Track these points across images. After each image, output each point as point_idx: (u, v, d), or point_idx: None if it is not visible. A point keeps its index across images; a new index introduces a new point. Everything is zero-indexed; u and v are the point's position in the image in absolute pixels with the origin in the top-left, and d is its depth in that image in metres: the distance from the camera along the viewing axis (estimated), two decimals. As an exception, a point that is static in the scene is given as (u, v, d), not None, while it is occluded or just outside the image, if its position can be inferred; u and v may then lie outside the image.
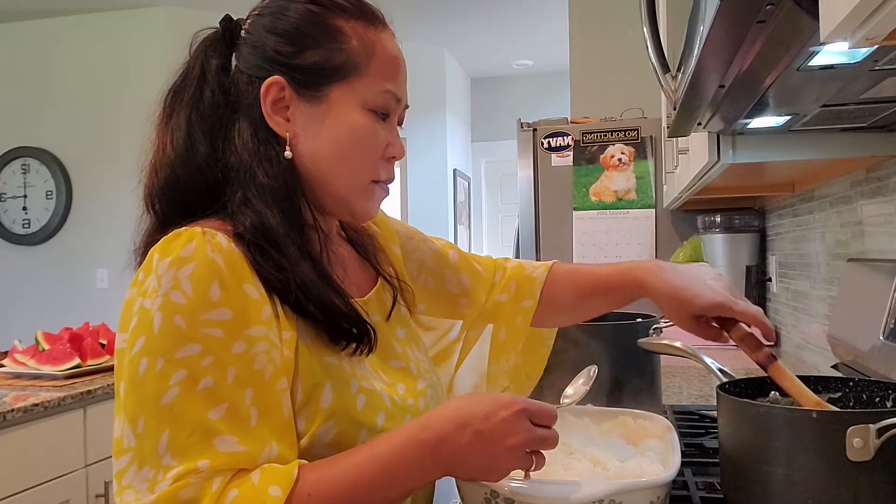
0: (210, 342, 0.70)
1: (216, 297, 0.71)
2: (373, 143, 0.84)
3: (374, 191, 0.86)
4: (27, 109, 4.54)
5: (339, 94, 0.82)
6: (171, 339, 0.69)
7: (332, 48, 0.81)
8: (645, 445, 0.88)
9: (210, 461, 0.67)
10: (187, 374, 0.69)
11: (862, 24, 0.50)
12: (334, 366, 0.79)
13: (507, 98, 6.23)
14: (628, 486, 0.72)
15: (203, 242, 0.73)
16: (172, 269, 0.71)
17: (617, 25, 3.45)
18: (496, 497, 0.74)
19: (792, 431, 0.71)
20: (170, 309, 0.70)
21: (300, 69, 0.81)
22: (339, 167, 0.83)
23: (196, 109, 0.83)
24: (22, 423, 1.84)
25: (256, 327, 0.73)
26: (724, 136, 1.38)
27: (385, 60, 0.84)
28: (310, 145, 0.82)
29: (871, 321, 1.21)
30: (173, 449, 0.68)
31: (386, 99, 0.84)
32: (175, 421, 0.68)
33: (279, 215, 0.79)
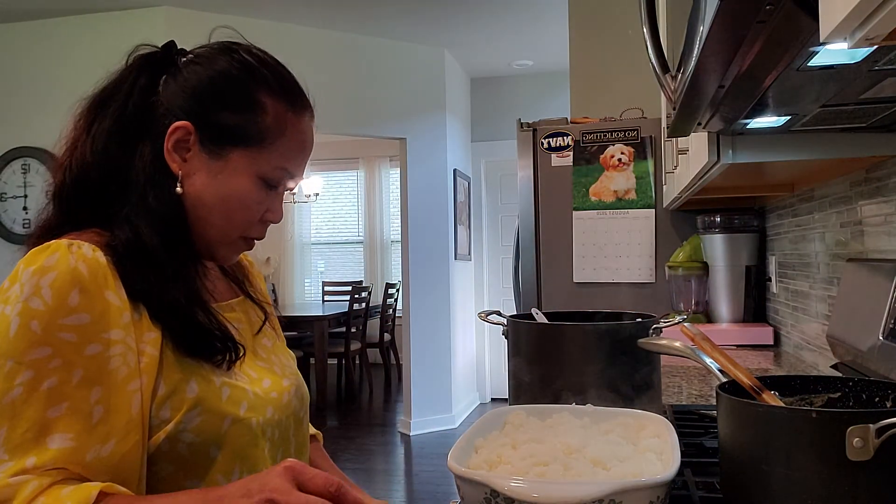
0: (62, 345, 0.75)
1: (75, 302, 0.76)
2: (253, 209, 0.90)
3: (240, 245, 0.94)
4: (27, 109, 4.54)
5: (239, 158, 0.88)
6: (24, 343, 0.74)
7: (247, 117, 0.88)
8: (645, 445, 0.88)
9: (37, 459, 0.72)
10: (33, 374, 0.73)
11: (861, 25, 0.50)
12: (196, 366, 0.85)
13: (507, 98, 6.23)
14: (628, 485, 0.72)
15: (66, 253, 0.78)
16: (35, 277, 0.76)
17: (617, 25, 3.45)
18: (496, 497, 0.74)
19: (791, 431, 0.71)
20: (27, 315, 0.75)
21: (212, 125, 0.87)
22: (216, 219, 0.89)
23: (118, 122, 0.89)
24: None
25: (115, 331, 0.78)
26: (723, 136, 1.38)
27: (293, 143, 0.90)
28: (198, 189, 0.88)
29: (870, 321, 1.21)
30: (7, 445, 0.72)
31: (280, 175, 0.91)
32: (14, 418, 0.72)
33: (157, 238, 0.84)
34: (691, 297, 2.69)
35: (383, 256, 8.17)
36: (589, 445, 0.87)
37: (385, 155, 8.05)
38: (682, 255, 2.73)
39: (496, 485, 0.74)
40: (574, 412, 0.99)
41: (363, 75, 5.17)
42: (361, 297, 6.54)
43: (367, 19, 4.83)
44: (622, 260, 2.94)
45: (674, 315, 1.24)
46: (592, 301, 2.90)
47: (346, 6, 4.58)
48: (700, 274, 2.65)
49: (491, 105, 6.30)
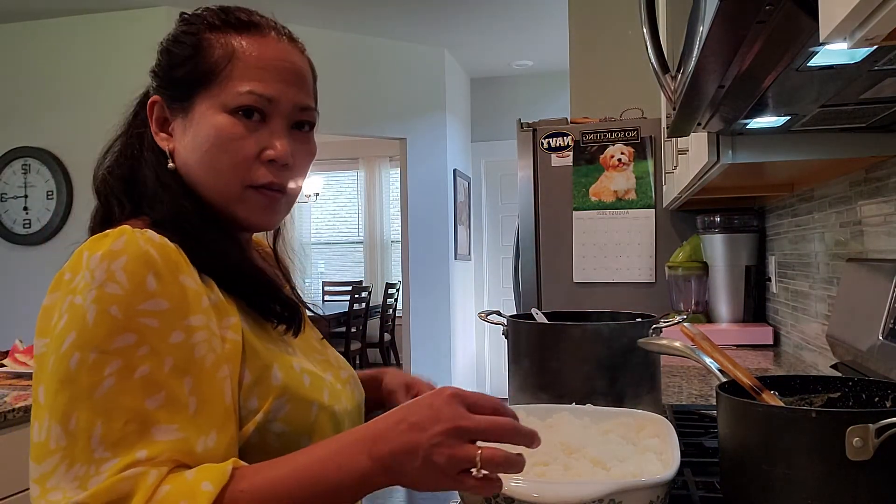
0: (146, 332, 0.69)
1: (152, 287, 0.71)
2: (235, 146, 0.82)
3: (254, 198, 0.85)
4: (28, 109, 4.54)
5: (202, 101, 0.84)
6: (105, 330, 0.68)
7: (196, 60, 0.85)
8: (645, 445, 0.88)
9: (148, 451, 0.66)
10: (123, 363, 0.68)
11: (861, 25, 0.50)
12: (275, 350, 0.82)
13: (507, 98, 6.23)
14: (628, 485, 0.72)
15: (134, 237, 0.73)
16: (105, 262, 0.70)
17: (617, 25, 3.45)
18: (496, 497, 0.74)
19: (791, 431, 0.71)
20: (104, 300, 0.69)
21: (170, 84, 0.86)
22: (207, 175, 0.84)
23: (134, 125, 0.90)
24: (22, 423, 1.84)
25: (196, 316, 0.73)
26: (723, 136, 1.38)
27: (248, 62, 0.84)
28: (183, 157, 0.86)
29: (870, 321, 1.21)
30: (107, 441, 0.65)
31: (249, 99, 0.83)
32: (109, 412, 0.66)
33: (190, 207, 0.82)
34: (691, 297, 2.69)
35: (383, 256, 8.17)
36: (589, 445, 0.87)
37: (385, 155, 8.04)
38: (681, 255, 2.73)
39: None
40: (574, 412, 0.99)
41: (363, 75, 5.17)
42: (361, 297, 6.54)
43: (368, 19, 4.83)
44: (622, 260, 2.94)
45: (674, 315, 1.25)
46: (592, 301, 2.90)
47: (346, 6, 4.58)
48: (700, 274, 2.66)
49: (491, 105, 6.30)
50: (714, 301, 2.60)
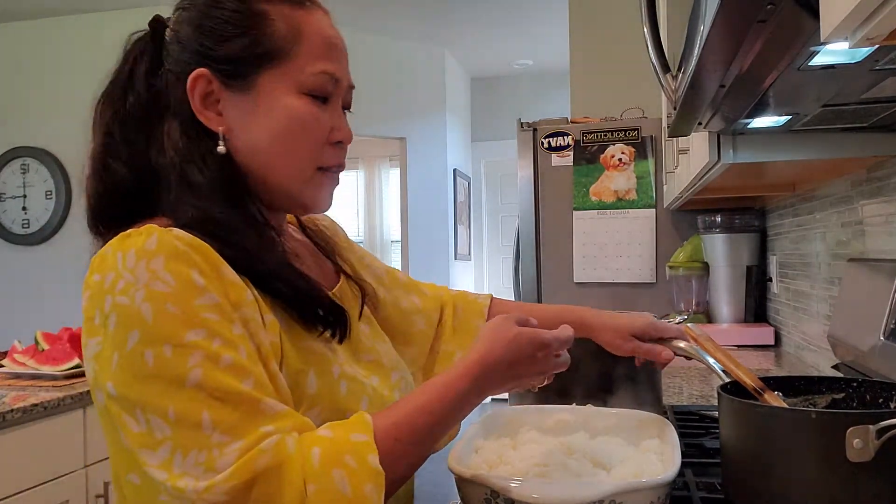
0: (212, 326, 0.67)
1: (200, 283, 0.68)
2: (313, 129, 0.80)
3: (322, 180, 0.82)
4: (27, 109, 4.54)
5: (270, 80, 0.78)
6: (171, 326, 0.66)
7: (255, 34, 0.78)
8: (645, 445, 0.88)
9: (273, 425, 0.65)
10: (204, 354, 0.66)
11: (862, 24, 0.50)
12: (315, 351, 0.78)
13: (507, 98, 6.23)
14: (628, 486, 0.72)
15: (164, 235, 0.69)
16: (142, 261, 0.68)
17: (617, 25, 3.45)
18: (496, 497, 0.74)
19: (792, 432, 0.71)
20: (157, 298, 0.66)
21: (225, 59, 0.78)
22: (279, 158, 0.79)
23: (116, 117, 0.80)
24: (21, 423, 1.84)
25: (245, 309, 0.71)
26: (724, 135, 1.38)
27: (316, 41, 0.80)
28: (245, 139, 0.79)
29: (871, 321, 1.21)
30: (222, 425, 0.64)
31: (322, 80, 0.79)
32: (211, 399, 0.65)
33: (222, 207, 0.76)
34: (692, 297, 2.68)
35: (383, 256, 8.16)
36: (589, 446, 0.87)
37: (385, 155, 8.04)
38: (682, 255, 2.73)
39: (496, 485, 0.73)
40: (574, 412, 0.99)
41: (363, 75, 5.16)
42: (362, 297, 6.53)
43: (367, 19, 4.83)
44: (622, 260, 2.94)
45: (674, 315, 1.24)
46: (593, 301, 2.90)
47: (346, 6, 4.58)
48: (701, 274, 2.65)
49: (491, 105, 6.30)
50: (715, 301, 2.60)
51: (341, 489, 0.63)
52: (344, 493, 0.63)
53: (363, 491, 0.64)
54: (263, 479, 0.63)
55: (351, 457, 0.65)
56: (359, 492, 0.64)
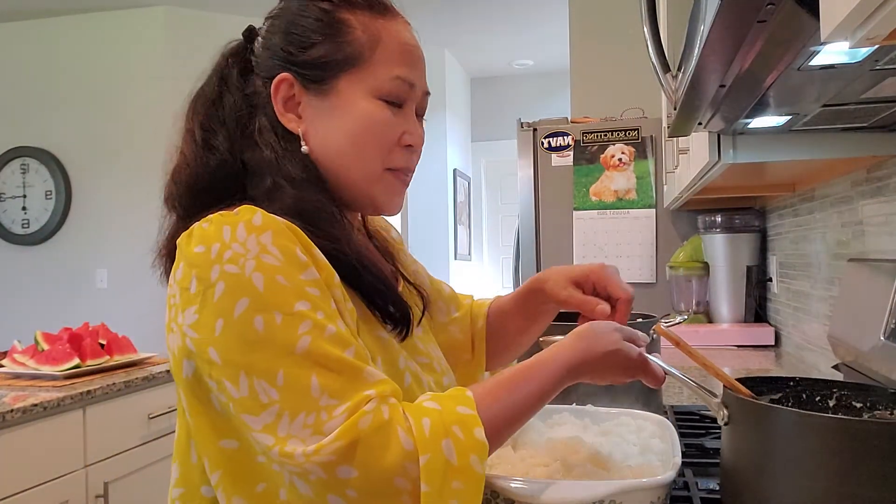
0: (315, 300, 0.71)
1: (303, 259, 0.72)
2: (383, 131, 0.84)
3: (391, 180, 0.86)
4: (26, 109, 4.54)
5: (347, 84, 0.83)
6: (281, 296, 0.69)
7: (336, 41, 0.83)
8: (645, 445, 0.88)
9: (377, 389, 0.68)
10: (312, 324, 0.69)
11: (862, 24, 0.50)
12: (384, 340, 0.82)
13: (507, 98, 6.23)
14: (628, 486, 0.72)
15: (267, 214, 0.73)
16: (252, 234, 0.71)
17: (617, 25, 3.45)
18: (496, 497, 0.74)
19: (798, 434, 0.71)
20: (268, 270, 0.70)
21: (306, 65, 0.83)
22: (351, 158, 0.84)
23: (215, 113, 0.86)
24: (21, 423, 1.84)
25: (335, 290, 0.75)
26: (724, 135, 1.38)
27: (393, 48, 0.84)
28: (321, 139, 0.84)
29: (871, 321, 1.21)
30: (329, 389, 0.67)
31: (396, 85, 0.84)
32: (319, 365, 0.68)
33: (316, 198, 0.81)
34: (692, 297, 2.68)
35: (383, 256, 8.17)
36: (589, 446, 0.87)
37: (385, 155, 8.04)
38: (682, 255, 2.73)
39: (497, 485, 0.73)
40: (574, 412, 0.99)
41: (363, 75, 5.17)
42: (362, 297, 6.52)
43: (368, 19, 4.83)
44: (623, 260, 2.94)
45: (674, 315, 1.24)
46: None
47: (347, 6, 4.58)
48: (701, 274, 2.65)
49: (491, 105, 6.30)
50: (715, 301, 2.60)
51: (448, 458, 0.66)
52: (451, 463, 0.66)
53: (469, 461, 0.67)
54: (367, 440, 0.65)
55: (459, 428, 0.68)
56: (465, 462, 0.66)
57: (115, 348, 2.35)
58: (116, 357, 2.33)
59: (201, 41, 4.36)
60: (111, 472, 2.11)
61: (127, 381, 2.18)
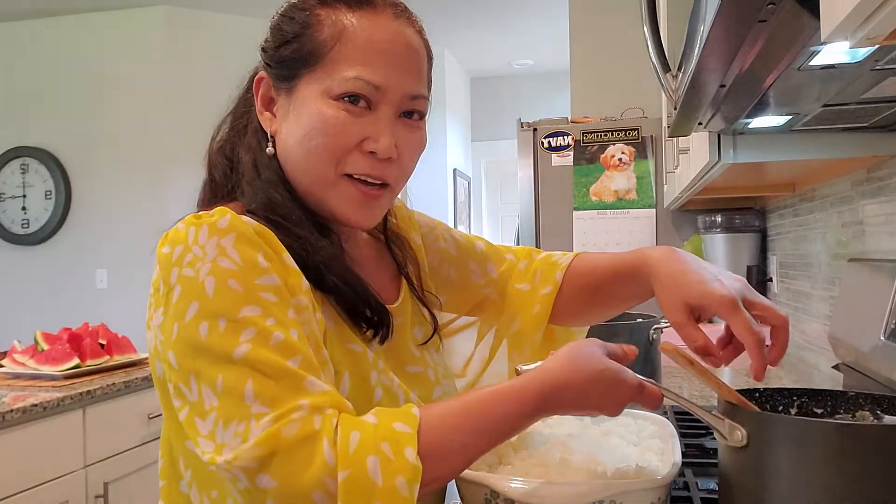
0: (268, 306, 0.69)
1: (264, 264, 0.70)
2: (333, 134, 0.77)
3: (348, 189, 0.79)
4: (26, 109, 4.54)
5: (306, 84, 0.79)
6: (229, 301, 0.68)
7: (303, 38, 0.79)
8: (645, 445, 0.88)
9: (311, 400, 0.64)
10: (256, 331, 0.67)
11: (863, 24, 0.50)
12: (357, 353, 0.78)
13: (507, 98, 6.23)
14: (628, 486, 0.72)
15: (236, 216, 0.72)
16: (214, 237, 0.70)
17: (617, 25, 3.44)
18: (496, 497, 0.74)
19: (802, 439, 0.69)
20: (221, 274, 0.68)
21: (277, 62, 0.81)
22: (303, 160, 0.79)
23: (244, 101, 0.87)
24: (21, 423, 1.84)
25: (301, 297, 0.73)
26: (724, 135, 1.38)
27: (360, 45, 0.77)
28: (282, 139, 0.82)
29: (872, 321, 1.21)
30: (262, 397, 0.64)
31: (355, 86, 0.77)
32: (257, 371, 0.65)
33: (284, 198, 0.80)
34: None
35: (383, 256, 8.17)
36: (589, 446, 0.87)
37: (385, 155, 8.04)
38: (682, 255, 2.72)
39: (496, 485, 0.73)
40: (574, 413, 0.98)
41: (363, 75, 5.17)
42: (361, 297, 6.52)
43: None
44: (622, 260, 2.93)
45: (674, 315, 1.24)
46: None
47: (347, 6, 4.58)
48: (700, 274, 2.65)
49: (491, 105, 6.30)
50: (714, 301, 2.59)
51: (373, 477, 0.61)
52: (374, 482, 0.61)
53: (394, 483, 0.62)
54: (288, 450, 0.62)
55: (389, 446, 0.63)
56: (389, 483, 0.61)
57: (114, 348, 2.35)
58: (116, 357, 2.33)
59: (201, 41, 4.35)
60: (111, 472, 2.11)
61: (127, 381, 2.18)
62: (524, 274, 1.04)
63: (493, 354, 1.08)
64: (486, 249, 1.06)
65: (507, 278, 1.05)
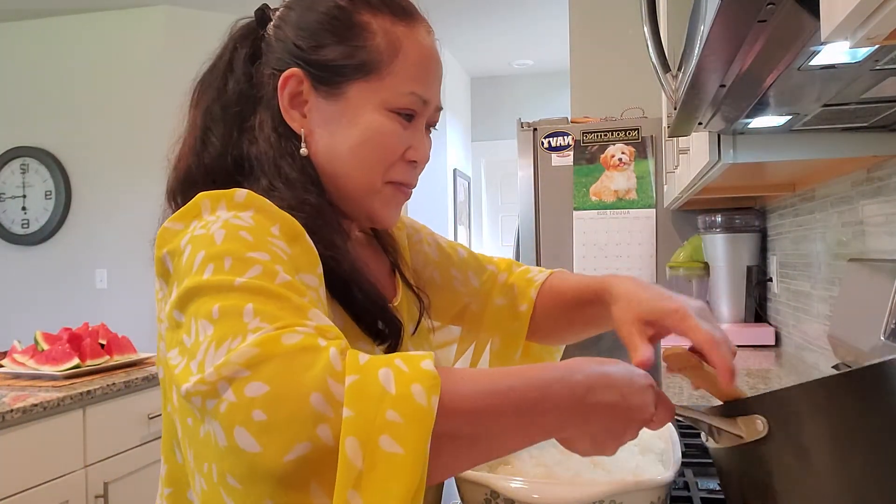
0: (278, 256, 0.64)
1: (277, 232, 0.67)
2: (388, 145, 0.80)
3: (390, 194, 0.82)
4: (26, 109, 4.53)
5: (359, 92, 0.79)
6: (238, 244, 0.63)
7: (354, 45, 0.78)
8: (645, 445, 0.88)
9: (317, 322, 0.59)
10: (263, 269, 0.62)
11: (863, 24, 0.50)
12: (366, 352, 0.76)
13: (507, 98, 6.23)
14: (628, 486, 0.72)
15: (254, 194, 0.69)
16: (230, 208, 0.67)
17: (617, 25, 3.45)
18: (496, 497, 0.74)
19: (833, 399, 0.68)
20: (232, 227, 0.65)
21: (319, 65, 0.79)
22: (352, 167, 0.80)
23: (218, 100, 0.82)
24: (21, 423, 1.84)
25: (312, 277, 0.68)
26: (724, 135, 1.38)
27: (413, 60, 0.79)
28: (326, 143, 0.80)
29: (871, 321, 1.21)
30: (263, 313, 0.57)
31: (410, 101, 0.80)
32: (260, 295, 0.59)
33: (314, 203, 0.77)
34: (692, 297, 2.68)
35: (383, 256, 8.17)
36: (589, 446, 0.87)
37: (385, 155, 8.05)
38: (682, 255, 2.73)
39: (496, 485, 0.73)
40: (574, 413, 0.98)
41: (363, 75, 5.17)
42: (362, 297, 6.52)
43: (368, 19, 4.83)
44: (623, 260, 2.94)
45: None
46: (593, 301, 2.90)
47: (347, 6, 4.58)
48: (701, 274, 2.65)
49: (491, 105, 6.30)
50: (715, 301, 2.60)
51: (384, 385, 0.53)
52: (386, 390, 0.53)
53: (409, 390, 0.53)
54: (287, 355, 0.54)
55: (402, 360, 0.56)
56: (404, 390, 0.53)
57: (114, 348, 2.35)
58: (116, 357, 2.33)
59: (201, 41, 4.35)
60: (111, 472, 2.11)
61: (127, 381, 2.18)
62: (503, 289, 1.06)
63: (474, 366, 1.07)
64: (468, 258, 1.06)
65: (488, 290, 1.05)
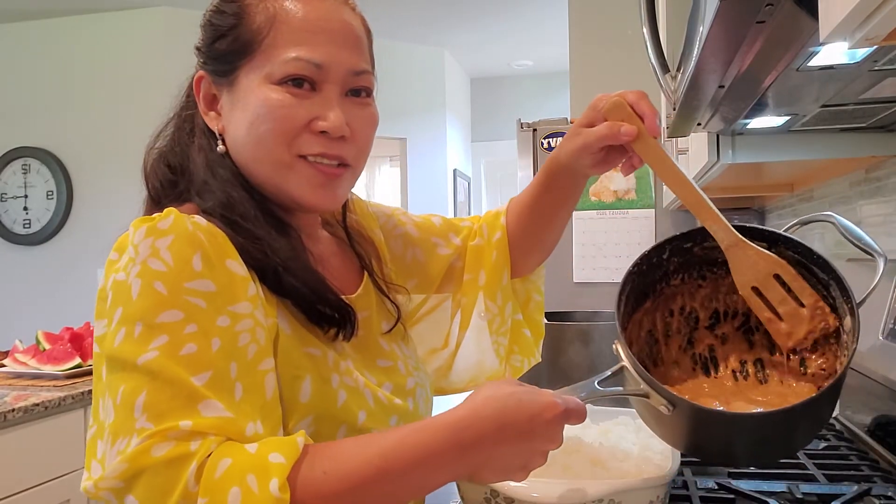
0: (193, 311, 0.65)
1: (198, 267, 0.67)
2: (280, 117, 0.76)
3: (305, 169, 0.78)
4: (27, 109, 4.53)
5: (246, 74, 0.78)
6: (150, 304, 0.65)
7: (237, 29, 0.79)
8: (645, 445, 0.88)
9: (193, 422, 0.61)
10: (169, 339, 0.64)
11: (861, 25, 0.50)
12: (316, 357, 0.76)
13: (507, 98, 6.23)
14: (628, 485, 0.72)
15: (181, 218, 0.70)
16: (150, 238, 0.68)
17: (616, 26, 3.45)
18: (496, 497, 0.74)
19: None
20: (149, 275, 0.66)
21: (214, 58, 0.81)
22: (254, 149, 0.78)
23: (186, 106, 0.86)
24: (22, 423, 1.84)
25: (242, 304, 0.69)
26: (723, 136, 1.38)
27: (294, 26, 0.77)
28: (231, 135, 0.80)
29: (871, 321, 1.21)
30: (150, 411, 0.61)
31: (295, 67, 0.76)
32: (153, 382, 0.62)
33: (241, 196, 0.78)
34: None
35: (383, 256, 8.17)
36: (588, 445, 0.87)
37: (385, 155, 8.04)
38: (682, 255, 2.72)
39: (496, 485, 0.74)
40: (574, 412, 0.99)
41: (363, 75, 5.17)
42: (362, 297, 6.52)
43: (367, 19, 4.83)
44: (622, 260, 2.94)
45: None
46: (592, 301, 2.90)
47: (347, 6, 4.57)
48: (700, 274, 2.65)
49: (491, 105, 6.30)
50: (714, 301, 2.60)
51: None
52: None
53: None
54: (154, 469, 0.59)
55: (254, 477, 0.58)
56: None
57: (115, 348, 2.35)
58: (117, 357, 2.33)
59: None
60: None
61: (127, 380, 2.18)
62: (476, 233, 1.07)
63: (469, 314, 1.06)
64: (443, 223, 1.08)
65: (467, 243, 1.07)
